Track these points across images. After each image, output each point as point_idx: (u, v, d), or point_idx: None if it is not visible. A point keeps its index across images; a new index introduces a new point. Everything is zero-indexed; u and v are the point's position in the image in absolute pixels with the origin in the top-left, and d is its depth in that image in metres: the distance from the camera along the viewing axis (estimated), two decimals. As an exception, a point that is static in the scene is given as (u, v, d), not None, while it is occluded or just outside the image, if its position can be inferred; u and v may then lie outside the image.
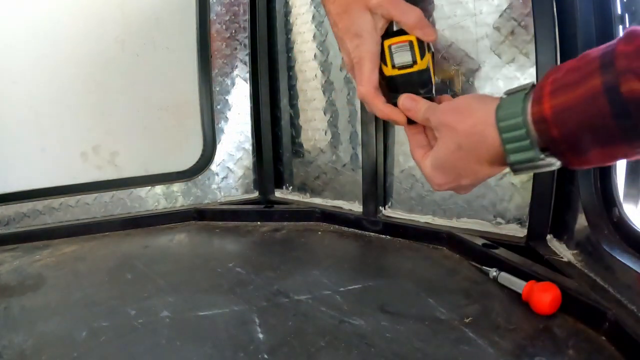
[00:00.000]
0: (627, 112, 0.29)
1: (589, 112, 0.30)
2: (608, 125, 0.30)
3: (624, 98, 0.28)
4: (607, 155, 0.32)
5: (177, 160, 1.00)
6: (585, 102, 0.30)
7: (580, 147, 0.32)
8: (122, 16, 0.91)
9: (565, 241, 0.62)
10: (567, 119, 0.32)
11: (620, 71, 0.28)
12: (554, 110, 0.32)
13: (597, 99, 0.30)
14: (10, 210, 0.85)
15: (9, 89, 0.83)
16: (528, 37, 0.66)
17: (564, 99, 0.31)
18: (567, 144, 0.33)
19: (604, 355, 0.41)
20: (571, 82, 0.31)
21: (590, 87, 0.30)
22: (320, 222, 0.87)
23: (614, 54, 0.29)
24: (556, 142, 0.33)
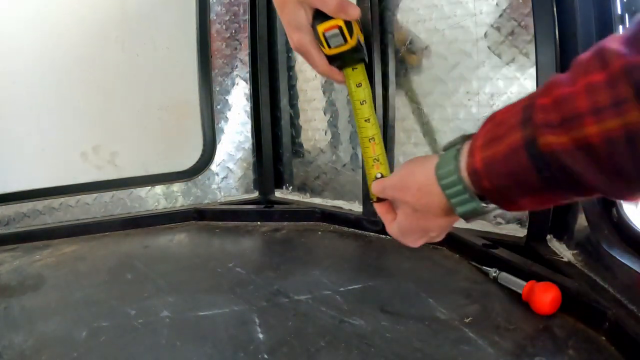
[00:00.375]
0: (546, 164, 0.30)
1: (512, 165, 0.32)
2: (530, 177, 0.32)
3: (542, 152, 0.30)
4: (537, 202, 0.34)
5: (177, 160, 1.00)
6: (508, 156, 0.32)
7: (510, 197, 0.35)
8: (122, 16, 0.91)
9: (565, 241, 0.62)
10: (495, 171, 0.34)
11: (537, 125, 0.30)
12: (484, 163, 0.35)
13: (518, 152, 0.31)
14: (10, 210, 0.85)
15: (9, 89, 0.83)
16: (528, 37, 0.66)
17: (492, 152, 0.34)
18: (498, 194, 0.35)
19: (604, 355, 0.41)
20: (498, 135, 0.34)
21: (512, 141, 0.32)
22: (320, 222, 0.87)
23: (533, 108, 0.31)
24: (488, 192, 0.36)
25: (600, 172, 0.29)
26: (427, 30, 0.77)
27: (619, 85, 0.26)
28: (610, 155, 0.28)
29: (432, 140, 0.81)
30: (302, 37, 0.56)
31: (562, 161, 0.30)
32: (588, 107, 0.27)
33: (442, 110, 0.77)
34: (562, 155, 0.29)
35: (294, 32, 0.56)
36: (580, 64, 0.29)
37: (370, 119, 0.63)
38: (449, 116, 0.76)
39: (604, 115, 0.27)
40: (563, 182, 0.31)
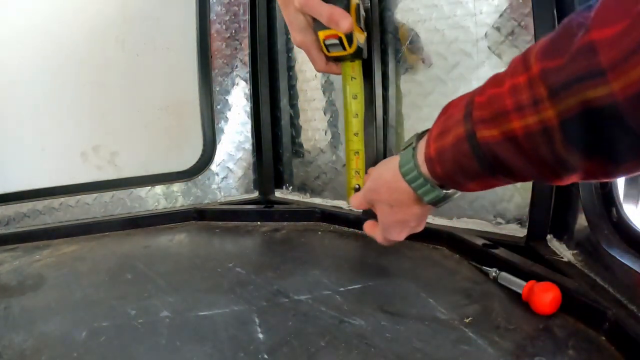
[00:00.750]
0: (483, 153, 0.36)
1: (457, 154, 0.38)
2: (472, 164, 0.38)
3: (479, 143, 0.36)
4: (482, 185, 0.40)
5: (177, 160, 1.00)
6: (454, 146, 0.38)
7: (458, 181, 0.41)
8: (123, 16, 0.91)
9: (565, 241, 0.62)
10: (444, 158, 0.40)
11: (475, 121, 0.36)
12: (436, 152, 0.41)
13: (461, 144, 0.37)
14: (10, 210, 0.85)
15: (9, 89, 0.83)
16: (528, 37, 0.66)
17: (442, 142, 0.40)
18: (448, 178, 0.41)
19: (604, 355, 0.41)
20: (446, 128, 0.40)
21: (457, 133, 0.38)
22: (320, 222, 0.87)
23: (472, 104, 0.36)
24: (441, 178, 0.42)
25: (526, 160, 0.34)
26: (427, 30, 0.77)
27: (536, 86, 0.30)
28: (532, 145, 0.32)
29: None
30: (304, 38, 0.61)
31: (495, 151, 0.35)
32: (513, 105, 0.32)
33: (442, 110, 0.77)
34: (494, 146, 0.35)
35: (296, 32, 0.61)
36: (512, 65, 0.33)
37: (359, 133, 0.69)
38: (449, 116, 0.76)
39: (525, 112, 0.31)
40: (499, 168, 0.36)
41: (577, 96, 0.28)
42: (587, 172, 0.32)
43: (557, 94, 0.29)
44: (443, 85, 0.76)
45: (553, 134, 0.30)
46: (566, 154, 0.31)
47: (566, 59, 0.28)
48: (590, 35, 0.27)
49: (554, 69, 0.29)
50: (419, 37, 0.78)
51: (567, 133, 0.30)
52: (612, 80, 0.26)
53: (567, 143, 0.30)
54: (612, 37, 0.26)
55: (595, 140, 0.29)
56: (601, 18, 0.27)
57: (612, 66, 0.26)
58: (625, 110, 0.26)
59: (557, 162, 0.32)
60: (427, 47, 0.78)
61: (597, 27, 0.27)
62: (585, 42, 0.27)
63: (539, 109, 0.30)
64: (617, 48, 0.25)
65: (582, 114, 0.28)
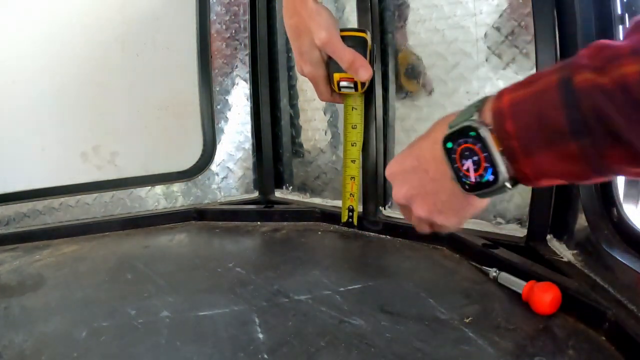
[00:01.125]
0: (578, 103, 0.28)
1: (542, 104, 0.31)
2: (559, 119, 0.30)
3: (575, 88, 0.28)
4: (556, 159, 0.31)
5: (177, 160, 1.00)
6: (538, 95, 0.31)
7: (531, 148, 0.32)
8: (122, 16, 0.91)
9: (565, 241, 0.62)
10: (521, 110, 0.32)
11: (576, 66, 0.29)
12: (511, 102, 0.33)
13: (551, 91, 0.30)
14: (10, 210, 0.85)
15: (9, 89, 0.83)
16: (528, 37, 0.66)
17: (522, 92, 0.32)
18: (519, 141, 0.32)
19: (604, 355, 0.41)
20: (531, 80, 0.33)
21: (546, 81, 0.31)
22: (320, 222, 0.87)
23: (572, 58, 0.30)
24: (510, 137, 0.33)
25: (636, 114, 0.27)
26: (427, 30, 0.77)
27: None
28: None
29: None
30: (313, 71, 0.62)
31: (595, 100, 0.27)
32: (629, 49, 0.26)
33: (442, 110, 0.77)
34: (596, 92, 0.27)
35: (305, 64, 0.62)
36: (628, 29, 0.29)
37: (356, 160, 0.73)
38: (449, 116, 0.76)
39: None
40: (592, 130, 0.28)
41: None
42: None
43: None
44: (443, 85, 0.76)
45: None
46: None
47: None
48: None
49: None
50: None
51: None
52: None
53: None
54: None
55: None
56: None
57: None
58: None
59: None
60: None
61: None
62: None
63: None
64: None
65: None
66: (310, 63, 0.62)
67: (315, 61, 0.62)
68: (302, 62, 0.63)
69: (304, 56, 0.62)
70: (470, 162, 0.35)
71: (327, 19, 0.59)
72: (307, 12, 0.59)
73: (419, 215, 0.44)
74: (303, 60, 0.62)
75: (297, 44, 0.62)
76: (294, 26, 0.61)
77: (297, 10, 0.60)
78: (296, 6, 0.60)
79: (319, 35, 0.59)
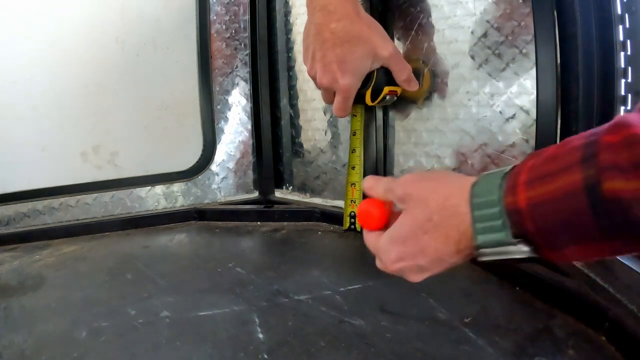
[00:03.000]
0: (608, 211, 0.26)
1: (567, 210, 0.28)
2: (587, 225, 0.27)
3: (606, 197, 0.26)
4: (587, 252, 0.29)
5: (177, 160, 1.00)
6: (563, 198, 0.28)
7: (556, 244, 0.30)
8: (122, 17, 0.91)
9: (565, 241, 0.62)
10: (543, 213, 0.29)
11: (603, 167, 0.26)
12: (529, 203, 0.30)
13: (576, 196, 0.27)
14: (10, 210, 0.85)
15: (8, 89, 0.83)
16: (528, 37, 0.66)
17: (541, 191, 0.29)
18: (543, 239, 0.30)
19: (604, 355, 0.41)
20: (549, 172, 0.29)
21: (570, 182, 0.27)
22: (320, 222, 0.87)
23: (598, 146, 0.26)
24: (531, 235, 0.30)
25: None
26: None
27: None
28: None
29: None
30: (353, 83, 0.59)
31: (631, 210, 0.25)
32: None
33: (442, 110, 0.77)
34: (632, 203, 0.25)
35: (345, 74, 0.57)
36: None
37: (356, 167, 0.73)
38: (449, 116, 0.76)
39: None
40: (626, 234, 0.26)
41: None
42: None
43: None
44: (443, 85, 0.76)
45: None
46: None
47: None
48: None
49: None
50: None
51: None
52: None
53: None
54: None
55: None
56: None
57: None
58: None
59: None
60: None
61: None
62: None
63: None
64: None
65: None
66: (353, 74, 0.57)
67: (361, 72, 0.58)
68: (341, 72, 0.56)
69: (347, 65, 0.56)
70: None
71: (384, 31, 0.58)
72: (367, 20, 0.56)
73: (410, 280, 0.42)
74: (343, 70, 0.56)
75: (341, 51, 0.55)
76: (342, 31, 0.54)
77: (351, 16, 0.55)
78: (349, 11, 0.55)
79: (387, 47, 0.57)
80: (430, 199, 0.36)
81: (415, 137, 0.82)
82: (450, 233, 0.35)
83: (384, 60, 0.58)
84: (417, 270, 0.40)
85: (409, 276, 0.41)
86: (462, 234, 0.34)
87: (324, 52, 0.56)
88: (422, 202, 0.37)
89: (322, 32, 0.56)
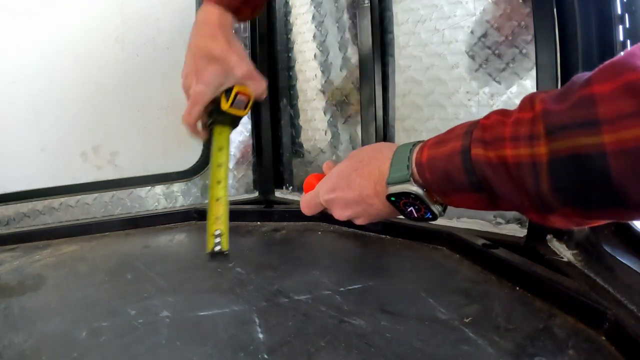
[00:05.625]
0: (473, 170, 0.37)
1: (449, 166, 0.39)
2: (461, 178, 0.39)
3: (472, 160, 0.37)
4: (465, 200, 0.40)
5: (177, 160, 1.00)
6: (447, 157, 0.39)
7: (446, 191, 0.41)
8: (122, 16, 0.91)
9: (565, 241, 0.62)
10: (435, 167, 0.41)
11: (474, 139, 0.37)
12: (427, 158, 0.42)
13: (455, 156, 0.39)
14: (10, 210, 0.85)
15: (9, 89, 0.83)
16: (528, 37, 0.66)
17: (436, 152, 0.41)
18: (436, 186, 0.42)
19: (604, 355, 0.41)
20: (445, 139, 0.41)
21: (452, 146, 0.39)
22: (320, 222, 0.87)
23: (476, 125, 0.38)
24: (429, 182, 0.42)
25: (511, 187, 0.35)
26: (427, 30, 0.77)
27: (537, 123, 0.32)
28: (519, 175, 0.34)
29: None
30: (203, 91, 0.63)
31: (484, 171, 0.36)
32: (511, 134, 0.34)
33: (442, 110, 0.77)
34: (485, 166, 0.36)
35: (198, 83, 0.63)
36: (521, 103, 0.35)
37: (222, 181, 0.70)
38: (449, 116, 0.77)
39: (520, 143, 0.33)
40: (485, 188, 0.38)
41: (570, 140, 0.30)
42: (567, 216, 0.34)
43: (552, 134, 0.31)
44: (443, 85, 0.77)
45: (540, 170, 0.32)
46: (547, 192, 0.33)
47: (567, 105, 0.30)
48: (592, 89, 0.29)
49: (555, 112, 0.31)
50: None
51: (553, 172, 0.32)
52: (605, 133, 0.28)
53: (551, 181, 0.32)
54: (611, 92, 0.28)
55: (577, 185, 0.31)
56: (602, 74, 0.29)
57: (608, 120, 0.28)
58: (611, 162, 0.28)
59: (538, 197, 0.33)
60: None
61: (598, 82, 0.29)
62: (586, 93, 0.29)
63: (533, 144, 0.32)
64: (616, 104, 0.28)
65: (570, 157, 0.30)
66: (206, 84, 0.63)
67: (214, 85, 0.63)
68: (196, 80, 0.63)
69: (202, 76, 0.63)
70: (412, 208, 0.45)
71: (243, 52, 0.64)
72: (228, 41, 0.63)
73: (358, 223, 0.53)
74: (197, 79, 0.63)
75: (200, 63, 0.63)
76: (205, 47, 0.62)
77: (215, 35, 0.62)
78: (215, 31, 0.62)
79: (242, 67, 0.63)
80: (365, 150, 0.51)
81: (415, 137, 0.82)
82: (373, 171, 0.47)
83: (238, 79, 0.63)
84: (343, 205, 0.51)
85: (335, 210, 0.53)
86: (381, 173, 0.46)
87: (188, 62, 0.65)
88: (358, 152, 0.51)
89: (191, 45, 0.65)
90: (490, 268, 0.60)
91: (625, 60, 0.28)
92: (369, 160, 0.49)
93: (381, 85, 0.83)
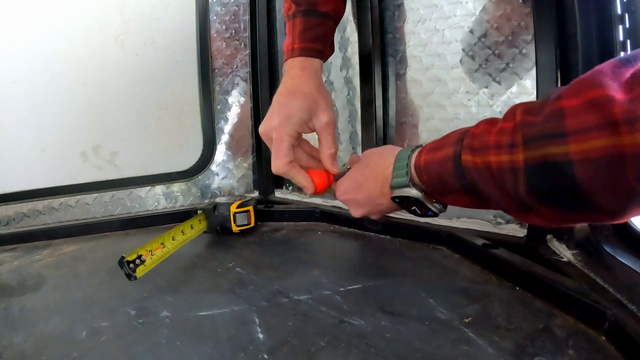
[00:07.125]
0: (463, 174, 0.42)
1: (442, 170, 0.44)
2: (453, 181, 0.43)
3: (462, 165, 0.42)
4: (458, 201, 0.45)
5: (177, 160, 1.00)
6: (441, 162, 0.44)
7: (441, 192, 0.47)
8: (122, 16, 0.91)
9: (565, 241, 0.62)
10: (430, 170, 0.46)
11: (464, 145, 0.42)
12: (424, 163, 0.47)
13: (448, 161, 0.43)
14: (10, 210, 0.85)
15: (9, 89, 0.83)
16: (528, 37, 0.66)
17: (432, 156, 0.46)
18: (432, 187, 0.47)
19: (604, 355, 0.41)
20: (440, 145, 0.45)
21: (446, 152, 0.44)
22: (320, 222, 0.87)
23: (467, 133, 0.42)
24: (425, 184, 0.48)
25: (495, 190, 0.39)
26: (427, 30, 0.77)
27: (516, 133, 0.36)
28: (500, 179, 0.38)
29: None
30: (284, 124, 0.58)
31: (472, 174, 0.41)
32: (494, 143, 0.38)
33: (442, 110, 0.77)
34: (473, 170, 0.40)
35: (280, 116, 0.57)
36: (507, 113, 0.39)
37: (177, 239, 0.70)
38: (449, 116, 0.77)
39: (502, 151, 0.37)
40: (473, 190, 0.42)
41: (542, 149, 0.34)
42: (545, 216, 0.38)
43: (528, 143, 0.35)
44: (443, 85, 0.77)
45: (518, 175, 0.36)
46: (525, 194, 0.37)
47: (541, 117, 0.34)
48: (562, 103, 0.32)
49: (530, 123, 0.35)
50: None
51: (529, 177, 0.36)
52: (571, 143, 0.31)
53: (527, 185, 0.36)
54: (577, 107, 0.31)
55: (549, 188, 0.35)
56: (571, 90, 0.33)
57: (574, 131, 0.31)
58: (577, 169, 0.32)
59: (518, 197, 0.37)
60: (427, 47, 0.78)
61: (567, 97, 0.32)
62: (557, 107, 0.33)
63: (512, 152, 0.36)
64: (581, 118, 0.31)
65: (542, 164, 0.34)
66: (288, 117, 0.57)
67: (296, 121, 0.57)
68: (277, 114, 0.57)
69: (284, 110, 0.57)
70: (415, 208, 0.51)
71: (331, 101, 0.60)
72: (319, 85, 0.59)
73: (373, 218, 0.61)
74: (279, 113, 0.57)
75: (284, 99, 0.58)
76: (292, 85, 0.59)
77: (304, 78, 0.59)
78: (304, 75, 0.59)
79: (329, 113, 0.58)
80: (372, 157, 0.57)
81: (415, 138, 0.82)
82: (378, 176, 0.54)
83: (321, 125, 0.58)
84: (356, 205, 0.58)
85: (351, 208, 0.60)
86: (385, 178, 0.52)
87: (273, 101, 0.60)
88: (366, 158, 0.58)
89: (279, 90, 0.61)
90: (490, 268, 0.60)
91: (593, 77, 0.31)
92: (374, 166, 0.55)
93: (381, 85, 0.83)
